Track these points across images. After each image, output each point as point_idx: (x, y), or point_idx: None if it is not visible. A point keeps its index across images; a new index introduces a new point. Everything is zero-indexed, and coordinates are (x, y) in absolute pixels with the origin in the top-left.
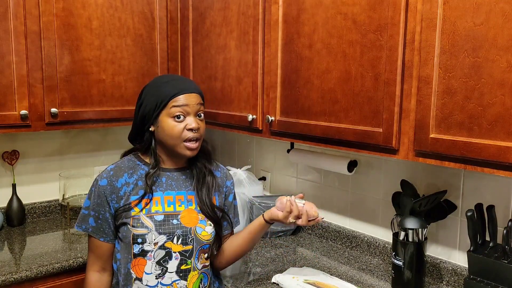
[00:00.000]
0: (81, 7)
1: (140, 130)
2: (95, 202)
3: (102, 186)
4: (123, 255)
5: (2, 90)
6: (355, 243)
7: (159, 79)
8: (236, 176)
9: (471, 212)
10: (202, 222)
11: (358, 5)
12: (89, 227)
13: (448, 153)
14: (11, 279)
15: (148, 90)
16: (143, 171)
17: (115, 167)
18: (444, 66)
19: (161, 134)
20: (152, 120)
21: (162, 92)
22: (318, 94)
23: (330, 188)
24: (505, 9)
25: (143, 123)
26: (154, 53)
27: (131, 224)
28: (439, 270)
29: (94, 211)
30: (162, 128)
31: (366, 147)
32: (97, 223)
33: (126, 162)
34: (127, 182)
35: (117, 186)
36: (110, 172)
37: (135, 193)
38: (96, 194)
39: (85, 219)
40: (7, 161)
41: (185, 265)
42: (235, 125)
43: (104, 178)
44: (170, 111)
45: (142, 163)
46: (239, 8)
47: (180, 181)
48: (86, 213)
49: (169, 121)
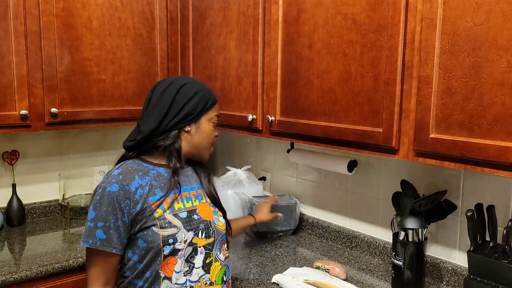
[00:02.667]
0: (81, 7)
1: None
2: (104, 211)
3: (114, 192)
4: (148, 260)
5: (2, 90)
6: (355, 243)
7: (197, 81)
8: (236, 176)
9: (471, 212)
10: (215, 213)
11: (358, 5)
12: (97, 240)
13: (448, 153)
14: (11, 279)
15: (198, 89)
16: (154, 171)
17: (122, 171)
18: (444, 66)
19: (197, 135)
20: (194, 120)
21: (210, 95)
22: (318, 94)
23: (330, 188)
24: (505, 9)
25: (181, 121)
26: (154, 53)
27: (159, 226)
28: (439, 270)
29: (104, 221)
30: (202, 130)
31: (366, 147)
32: (108, 234)
33: (132, 165)
34: (141, 185)
35: (131, 190)
36: (119, 176)
37: (152, 194)
38: (105, 202)
39: (91, 232)
40: (7, 161)
41: (208, 259)
42: (235, 125)
43: (114, 183)
44: (211, 117)
45: (150, 163)
46: (239, 8)
47: (189, 177)
48: (92, 226)
49: (210, 125)
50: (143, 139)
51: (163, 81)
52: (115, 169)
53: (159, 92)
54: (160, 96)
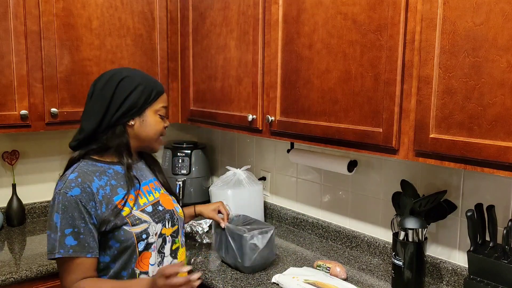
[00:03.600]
0: (81, 7)
1: (108, 124)
2: (69, 217)
3: (76, 196)
4: (123, 260)
5: (2, 90)
6: (355, 243)
7: (139, 72)
8: (236, 176)
9: (471, 212)
10: (174, 201)
11: (358, 5)
12: (69, 248)
13: (448, 153)
14: (11, 279)
15: (139, 81)
16: (111, 170)
17: (79, 174)
18: (444, 66)
19: (143, 128)
20: (138, 113)
21: (153, 86)
22: (318, 94)
23: (330, 188)
24: (505, 9)
25: (123, 116)
26: (154, 53)
27: (130, 224)
28: (439, 270)
29: (72, 227)
30: (147, 122)
31: (366, 147)
32: (79, 239)
33: (87, 167)
34: (101, 185)
35: (94, 192)
36: (78, 179)
37: (115, 194)
38: (70, 207)
39: (60, 242)
40: (7, 161)
41: (175, 245)
42: (235, 125)
43: (74, 187)
44: (157, 108)
45: (104, 163)
46: (239, 8)
47: (144, 171)
48: (60, 235)
49: (156, 117)
50: (86, 138)
51: (104, 74)
52: (70, 173)
53: (100, 87)
54: (100, 91)
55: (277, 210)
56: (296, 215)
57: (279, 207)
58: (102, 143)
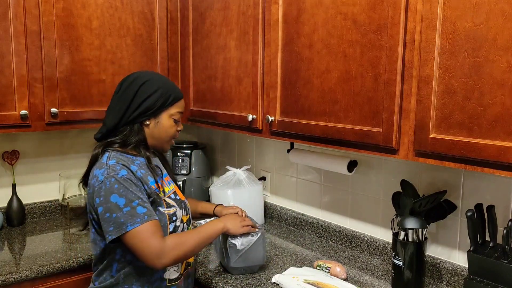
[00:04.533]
0: (81, 7)
1: (127, 121)
2: (130, 192)
3: (126, 175)
4: None
5: (2, 90)
6: (355, 243)
7: (162, 77)
8: (236, 176)
9: (471, 212)
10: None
11: (358, 5)
12: (143, 215)
13: (448, 153)
14: (11, 279)
15: (159, 85)
16: (138, 161)
17: (117, 159)
18: (444, 66)
19: (156, 129)
20: (154, 114)
21: (172, 92)
22: (318, 94)
23: (330, 188)
24: (505, 9)
25: (140, 115)
26: (154, 53)
27: (165, 206)
28: (439, 270)
29: (137, 199)
30: (161, 125)
31: (366, 147)
32: (146, 206)
33: (118, 155)
34: (136, 169)
35: (136, 173)
36: (119, 163)
37: (147, 180)
38: (126, 184)
39: (133, 214)
40: (7, 161)
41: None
42: (235, 125)
43: (120, 170)
44: (172, 113)
45: (129, 154)
46: (239, 8)
47: (160, 165)
48: (129, 209)
49: (170, 121)
50: (108, 131)
51: (130, 75)
52: (108, 160)
53: (125, 87)
54: (124, 91)
55: (277, 210)
56: (296, 215)
57: (279, 207)
58: (123, 139)
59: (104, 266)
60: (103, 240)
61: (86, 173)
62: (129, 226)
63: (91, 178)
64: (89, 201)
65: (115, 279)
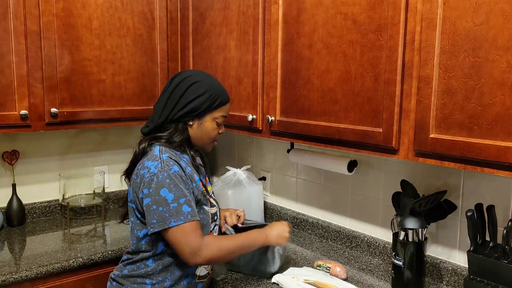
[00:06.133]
0: (81, 7)
1: (172, 119)
2: (180, 189)
3: (177, 171)
4: None
5: (2, 90)
6: (355, 243)
7: (212, 80)
8: (236, 176)
9: (471, 212)
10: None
11: (358, 5)
12: (187, 214)
13: (448, 153)
14: (11, 279)
15: (207, 88)
16: (184, 159)
17: (169, 155)
18: (444, 66)
19: (199, 131)
20: (198, 116)
21: (219, 96)
22: (318, 94)
23: (330, 188)
24: (505, 9)
25: (185, 115)
26: (154, 53)
27: (209, 205)
28: (439, 270)
29: (184, 197)
30: (204, 127)
31: (366, 147)
32: (191, 206)
33: (169, 151)
34: (185, 166)
35: (185, 169)
36: (172, 158)
37: (193, 178)
38: (177, 181)
39: (178, 211)
40: (7, 161)
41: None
42: (235, 125)
43: (173, 165)
44: (216, 116)
45: (178, 152)
46: (239, 8)
47: (201, 166)
48: (176, 205)
49: (213, 123)
50: (156, 127)
51: (182, 73)
52: (161, 154)
53: (175, 83)
54: (174, 88)
55: (277, 210)
56: (296, 215)
57: (279, 207)
58: (168, 136)
59: (140, 255)
60: (142, 230)
61: (130, 165)
62: (172, 222)
63: (141, 168)
64: (134, 190)
65: (151, 269)
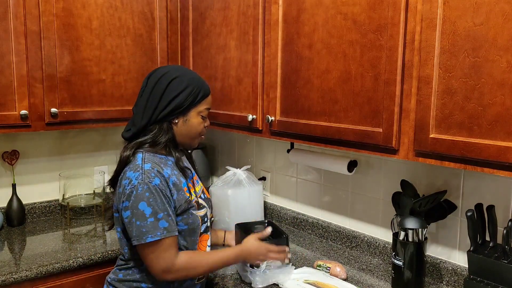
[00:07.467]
0: (81, 7)
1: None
2: (159, 203)
3: (158, 184)
4: (190, 241)
5: (2, 90)
6: (355, 243)
7: (190, 73)
8: (236, 176)
9: (471, 212)
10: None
11: (358, 5)
12: (163, 230)
13: (448, 153)
14: (11, 279)
15: (188, 83)
16: (170, 162)
17: (152, 164)
18: (444, 66)
19: (184, 127)
20: (183, 113)
21: (200, 89)
22: (318, 94)
23: (330, 188)
24: (505, 9)
25: (169, 114)
26: (154, 53)
27: (197, 208)
28: (439, 270)
29: (162, 211)
30: (190, 123)
31: (366, 147)
32: (168, 221)
33: (152, 158)
34: (169, 174)
35: (168, 179)
36: (154, 169)
37: (180, 182)
38: (157, 195)
39: (155, 226)
40: (7, 161)
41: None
42: (235, 125)
43: (154, 177)
44: (200, 110)
45: (161, 154)
46: (239, 8)
47: (188, 164)
48: (153, 220)
49: (198, 118)
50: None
51: (158, 70)
52: (143, 164)
53: (153, 82)
54: (152, 87)
55: (277, 210)
56: (296, 215)
57: (279, 207)
58: (152, 139)
59: (133, 262)
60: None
61: (114, 175)
62: (149, 237)
63: (123, 178)
64: (116, 201)
65: (146, 273)
